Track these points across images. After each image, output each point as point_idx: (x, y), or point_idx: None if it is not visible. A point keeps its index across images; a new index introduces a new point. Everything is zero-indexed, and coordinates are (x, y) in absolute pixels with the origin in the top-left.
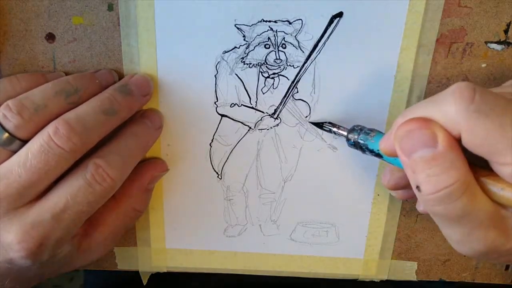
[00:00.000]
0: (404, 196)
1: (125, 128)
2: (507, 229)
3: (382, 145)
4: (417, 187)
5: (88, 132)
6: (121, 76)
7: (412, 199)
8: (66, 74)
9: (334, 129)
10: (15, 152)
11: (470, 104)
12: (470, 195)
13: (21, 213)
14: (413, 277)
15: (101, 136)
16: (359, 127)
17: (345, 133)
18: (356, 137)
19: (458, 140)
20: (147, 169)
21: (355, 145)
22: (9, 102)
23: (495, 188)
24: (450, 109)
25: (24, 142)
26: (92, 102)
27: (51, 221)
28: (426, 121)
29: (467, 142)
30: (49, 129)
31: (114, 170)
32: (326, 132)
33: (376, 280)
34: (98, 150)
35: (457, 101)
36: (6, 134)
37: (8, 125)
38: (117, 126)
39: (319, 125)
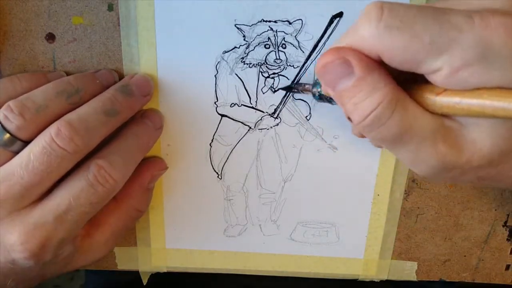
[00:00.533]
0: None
1: (126, 129)
2: (457, 140)
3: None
4: (349, 118)
5: (90, 133)
6: (121, 76)
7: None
8: (67, 74)
9: (300, 88)
10: (16, 153)
11: (379, 22)
12: (402, 111)
13: (23, 214)
14: (413, 277)
15: (103, 137)
16: None
17: (310, 89)
18: (319, 90)
19: (380, 61)
20: (146, 168)
21: (321, 98)
22: (10, 103)
23: (430, 97)
24: (364, 32)
25: (26, 143)
26: (94, 102)
27: (54, 223)
28: (337, 51)
29: (388, 61)
30: (51, 130)
31: (116, 171)
32: (325, 131)
33: (376, 280)
34: (100, 150)
35: (367, 22)
36: (7, 135)
37: (10, 126)
38: (118, 126)
39: (288, 89)
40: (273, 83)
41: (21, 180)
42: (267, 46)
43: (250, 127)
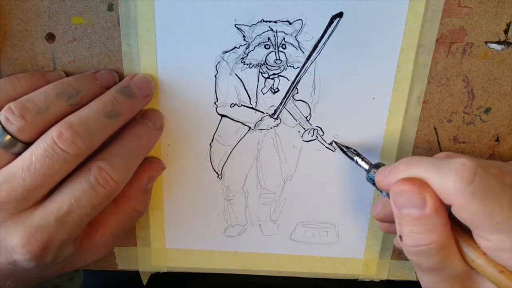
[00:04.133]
0: (388, 230)
1: (127, 130)
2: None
3: (377, 177)
4: (400, 236)
5: (92, 135)
6: (121, 77)
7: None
8: (67, 74)
9: (357, 158)
10: (16, 155)
11: (468, 186)
12: (445, 255)
13: (25, 216)
14: (413, 277)
15: (104, 139)
16: (384, 165)
17: (366, 167)
18: (373, 176)
19: (446, 206)
20: (144, 169)
21: (370, 180)
22: (11, 104)
23: (472, 254)
24: (449, 183)
25: (26, 144)
26: (95, 104)
27: (55, 224)
28: (421, 186)
29: (456, 213)
30: (53, 132)
31: (117, 172)
32: (324, 131)
33: (376, 280)
34: (101, 152)
35: (457, 180)
36: (8, 137)
37: (11, 128)
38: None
39: (343, 149)
40: (273, 84)
41: (23, 182)
42: (267, 46)
43: (250, 128)
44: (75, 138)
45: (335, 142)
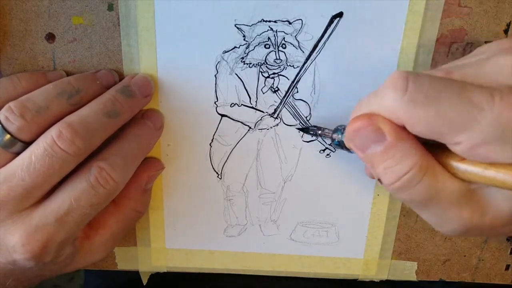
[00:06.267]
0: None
1: (127, 130)
2: (481, 204)
3: (346, 142)
4: (379, 179)
5: (92, 135)
6: (121, 77)
7: None
8: (67, 73)
9: (319, 132)
10: (16, 154)
11: (404, 95)
12: (431, 177)
13: (24, 215)
14: (413, 277)
15: (104, 138)
16: (343, 127)
17: (329, 134)
18: (340, 136)
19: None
20: (143, 169)
21: (340, 145)
22: (11, 104)
23: (454, 163)
24: (389, 101)
25: (26, 144)
26: (95, 104)
27: (55, 224)
28: (369, 118)
29: (411, 130)
30: (53, 132)
31: (117, 172)
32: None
33: (376, 280)
34: (101, 152)
35: (392, 93)
36: (8, 136)
37: (11, 127)
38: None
39: (305, 130)
40: (273, 83)
41: (22, 182)
42: (267, 46)
43: (250, 127)
44: (75, 138)
45: (297, 129)
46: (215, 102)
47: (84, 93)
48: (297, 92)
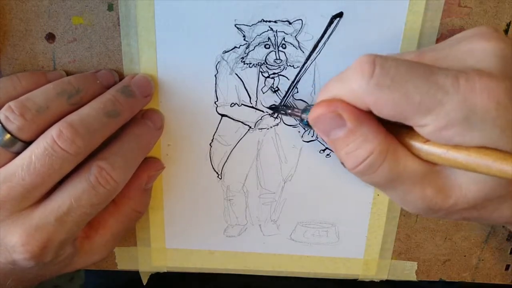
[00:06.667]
0: None
1: (127, 130)
2: (444, 186)
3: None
4: (342, 163)
5: (92, 134)
6: (121, 77)
7: None
8: (67, 73)
9: (289, 111)
10: (16, 153)
11: (370, 79)
12: (392, 160)
13: (24, 215)
14: (413, 277)
15: (104, 138)
16: (311, 107)
17: (299, 114)
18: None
19: (370, 112)
20: (143, 169)
21: (309, 125)
22: (11, 103)
23: (418, 144)
24: (355, 85)
25: (26, 143)
26: (95, 104)
27: (55, 224)
28: (330, 104)
29: (377, 113)
30: (53, 132)
31: (117, 172)
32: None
33: (376, 280)
34: (101, 152)
35: (358, 77)
36: (8, 136)
37: (11, 127)
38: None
39: (276, 109)
40: (273, 83)
41: (23, 181)
42: (267, 46)
43: (250, 127)
44: (75, 137)
45: (269, 107)
46: (215, 102)
47: (84, 93)
48: (297, 92)
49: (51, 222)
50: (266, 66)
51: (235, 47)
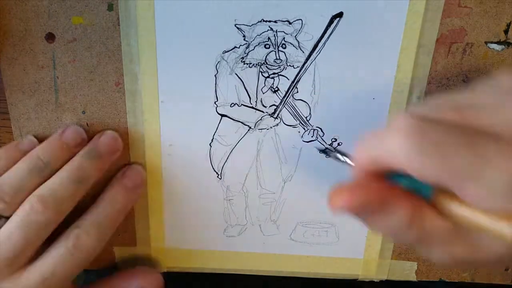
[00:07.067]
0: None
1: (104, 194)
2: (473, 243)
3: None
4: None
5: (61, 203)
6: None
7: None
8: (66, 73)
9: (340, 157)
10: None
11: (414, 144)
12: (419, 224)
13: (13, 279)
14: (413, 277)
15: (75, 203)
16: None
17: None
18: None
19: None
20: (137, 277)
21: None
22: None
23: (450, 207)
24: (393, 146)
25: (7, 218)
26: (62, 173)
27: (41, 286)
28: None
29: (413, 175)
30: (26, 206)
31: (92, 239)
32: (324, 131)
33: (376, 280)
34: (79, 219)
35: (398, 139)
36: None
37: None
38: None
39: (324, 151)
40: (273, 83)
41: (5, 251)
42: (267, 46)
43: (250, 127)
44: (45, 210)
45: (316, 148)
46: (215, 102)
47: (53, 164)
48: (297, 92)
49: (37, 284)
50: (266, 66)
51: (235, 47)
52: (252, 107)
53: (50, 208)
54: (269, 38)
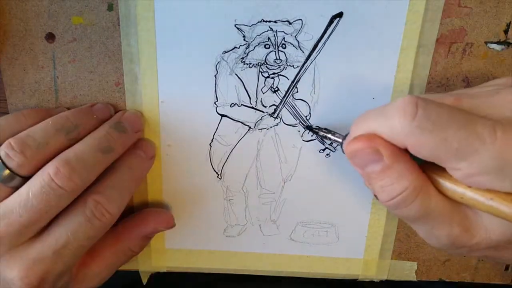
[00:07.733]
0: None
1: (121, 162)
2: (471, 226)
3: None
4: (375, 195)
5: (88, 171)
6: (115, 107)
7: None
8: (66, 74)
9: (329, 135)
10: (14, 188)
11: (412, 121)
12: (424, 197)
13: (22, 250)
14: (413, 277)
15: (99, 173)
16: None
17: (340, 140)
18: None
19: (406, 150)
20: (152, 221)
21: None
22: (11, 140)
23: (449, 184)
24: (395, 124)
25: (25, 178)
26: (90, 140)
27: (53, 257)
28: (369, 139)
29: (414, 153)
30: (50, 169)
31: (112, 205)
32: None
33: (376, 280)
34: (96, 185)
35: (401, 117)
36: (7, 172)
37: (11, 164)
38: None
39: (314, 130)
40: (273, 83)
41: (20, 218)
42: (267, 46)
43: (250, 127)
44: (72, 175)
45: (306, 127)
46: (215, 102)
47: (81, 128)
48: (297, 92)
49: (48, 255)
50: (266, 66)
51: (235, 47)
52: (252, 107)
53: (76, 174)
54: (269, 38)
